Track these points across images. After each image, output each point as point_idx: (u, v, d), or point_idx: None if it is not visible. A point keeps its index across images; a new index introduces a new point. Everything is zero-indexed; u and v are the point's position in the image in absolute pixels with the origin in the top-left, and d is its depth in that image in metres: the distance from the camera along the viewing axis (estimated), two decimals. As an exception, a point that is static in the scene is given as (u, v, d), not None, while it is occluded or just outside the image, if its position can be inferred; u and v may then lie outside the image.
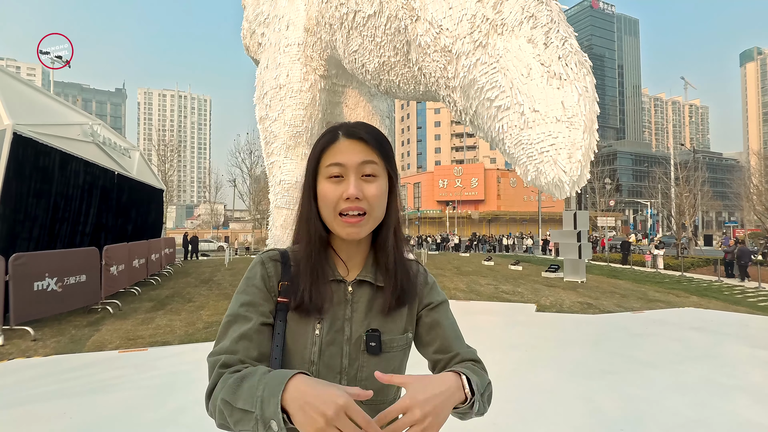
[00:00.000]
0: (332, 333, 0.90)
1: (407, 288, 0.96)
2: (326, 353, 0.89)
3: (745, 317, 8.03)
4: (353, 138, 0.91)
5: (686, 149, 50.07)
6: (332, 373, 0.89)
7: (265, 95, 8.77)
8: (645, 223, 64.89)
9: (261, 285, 0.92)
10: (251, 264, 0.96)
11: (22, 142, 6.92)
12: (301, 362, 0.88)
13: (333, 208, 0.89)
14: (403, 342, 0.96)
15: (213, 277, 12.84)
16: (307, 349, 0.88)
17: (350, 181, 0.88)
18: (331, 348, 0.90)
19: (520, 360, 5.09)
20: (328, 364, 0.89)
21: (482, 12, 4.85)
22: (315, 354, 0.89)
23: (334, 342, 0.90)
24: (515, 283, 11.75)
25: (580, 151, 4.19)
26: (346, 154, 0.89)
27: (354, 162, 0.89)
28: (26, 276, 6.04)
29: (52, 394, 3.99)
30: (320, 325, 0.89)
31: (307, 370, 0.87)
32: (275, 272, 0.93)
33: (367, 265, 0.98)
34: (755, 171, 37.91)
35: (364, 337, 0.91)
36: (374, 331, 0.91)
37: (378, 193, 0.90)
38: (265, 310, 0.90)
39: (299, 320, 0.90)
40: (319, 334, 0.89)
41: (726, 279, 15.19)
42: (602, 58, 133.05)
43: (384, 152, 0.92)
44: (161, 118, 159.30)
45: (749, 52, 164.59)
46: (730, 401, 3.89)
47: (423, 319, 1.00)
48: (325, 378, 0.88)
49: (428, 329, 1.00)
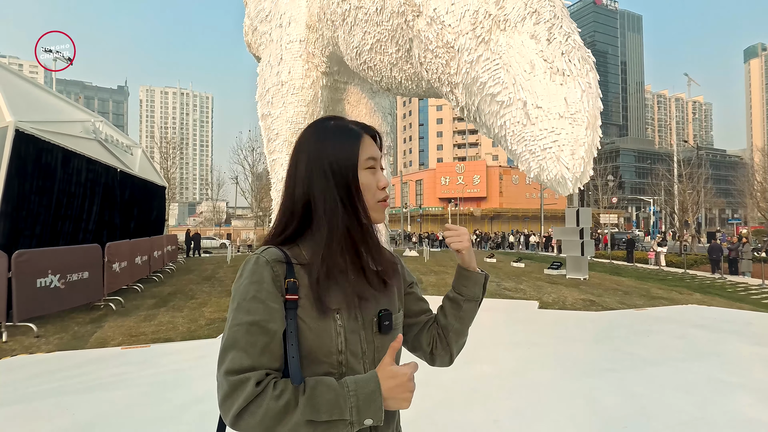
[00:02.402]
0: (351, 321, 0.94)
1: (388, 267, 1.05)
2: (350, 341, 0.93)
3: (748, 315, 8.00)
4: (369, 134, 1.03)
5: (689, 146, 49.83)
6: (356, 358, 0.94)
7: (266, 92, 8.75)
8: (648, 220, 64.67)
9: (272, 288, 0.89)
10: (251, 266, 0.92)
11: (25, 139, 6.93)
12: (328, 354, 0.90)
13: (374, 196, 1.01)
14: (401, 319, 1.07)
15: (215, 274, 12.87)
16: (333, 340, 0.91)
17: (381, 171, 1.03)
18: (353, 335, 0.94)
19: (522, 357, 5.08)
20: (353, 352, 0.93)
21: (485, 8, 4.81)
22: (342, 344, 0.92)
23: (353, 330, 0.94)
24: (518, 280, 11.74)
25: (583, 148, 4.16)
26: (375, 149, 1.03)
27: (380, 156, 1.04)
28: (29, 273, 6.05)
29: (54, 391, 4.01)
30: (339, 316, 0.92)
31: (334, 360, 0.91)
32: (282, 272, 0.92)
33: None
34: (759, 168, 37.77)
35: (376, 318, 0.97)
36: (386, 311, 0.99)
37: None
38: (281, 315, 0.89)
39: (318, 315, 0.90)
40: (342, 324, 0.92)
41: (729, 276, 15.16)
42: (605, 54, 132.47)
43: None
44: (163, 115, 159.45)
45: (753, 49, 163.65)
46: (733, 399, 3.88)
47: (410, 295, 1.16)
48: (350, 363, 0.93)
49: (415, 301, 1.17)
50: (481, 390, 3.95)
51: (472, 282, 1.13)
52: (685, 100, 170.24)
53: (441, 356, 1.15)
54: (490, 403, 3.71)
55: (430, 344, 1.14)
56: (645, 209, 67.73)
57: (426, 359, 1.17)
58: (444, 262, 17.20)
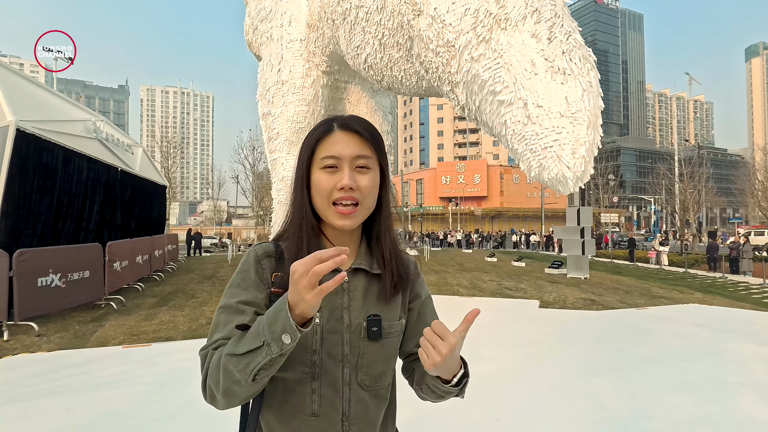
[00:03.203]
0: (332, 321, 0.92)
1: (404, 275, 1.00)
2: (327, 342, 0.91)
3: (750, 314, 7.99)
4: (348, 130, 0.94)
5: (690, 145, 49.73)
6: (334, 360, 0.91)
7: (267, 92, 8.75)
8: (648, 219, 64.61)
9: (255, 277, 0.92)
10: (244, 258, 0.96)
11: (26, 139, 6.93)
12: (302, 351, 0.89)
13: (327, 197, 0.92)
14: (398, 328, 0.99)
15: (216, 273, 12.88)
16: (308, 338, 0.89)
17: (345, 171, 0.91)
18: (333, 336, 0.91)
19: (522, 356, 5.08)
20: (329, 353, 0.91)
21: (485, 7, 4.80)
22: (317, 343, 0.90)
23: (335, 330, 0.92)
24: (518, 279, 11.73)
25: (583, 147, 4.15)
26: (342, 146, 0.92)
27: (349, 154, 0.92)
28: (30, 272, 6.06)
29: (55, 390, 4.01)
30: (319, 314, 0.90)
31: (308, 358, 0.90)
32: (269, 265, 0.94)
33: (361, 253, 1.00)
34: (760, 167, 37.68)
35: (365, 323, 0.93)
36: (375, 317, 0.94)
37: (370, 184, 0.93)
38: (259, 302, 0.91)
39: None
40: (319, 323, 0.90)
41: (730, 275, 15.13)
42: (606, 53, 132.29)
43: (377, 145, 0.95)
44: (164, 114, 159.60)
45: (754, 48, 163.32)
46: (734, 398, 3.87)
47: (413, 310, 1.05)
48: (328, 367, 0.91)
49: (416, 320, 1.04)
50: (482, 389, 3.95)
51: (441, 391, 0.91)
52: (686, 99, 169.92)
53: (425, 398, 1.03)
54: (491, 402, 3.71)
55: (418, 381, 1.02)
56: (646, 208, 67.66)
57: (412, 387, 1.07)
58: (445, 261, 17.20)
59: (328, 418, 0.90)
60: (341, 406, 0.91)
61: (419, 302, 1.06)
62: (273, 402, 0.92)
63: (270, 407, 0.93)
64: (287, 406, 0.91)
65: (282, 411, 0.91)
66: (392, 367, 1.01)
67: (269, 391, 0.92)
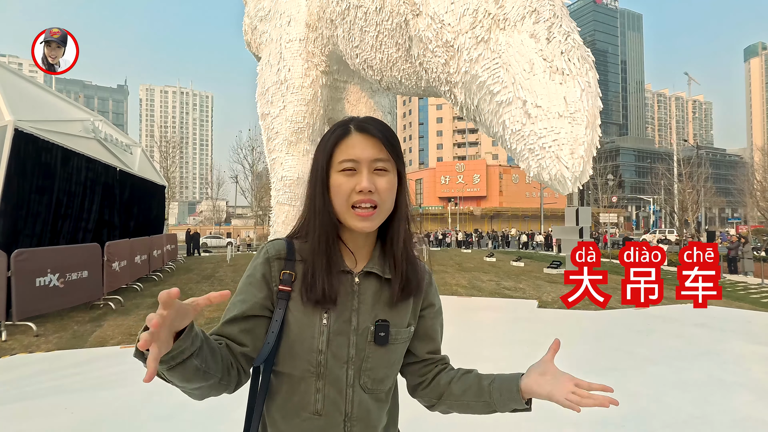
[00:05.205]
0: (340, 323, 0.92)
1: (413, 280, 0.99)
2: (334, 343, 0.92)
3: (748, 314, 8.01)
4: (365, 133, 0.94)
5: (689, 145, 49.82)
6: (339, 362, 0.92)
7: (266, 91, 8.74)
8: (648, 219, 64.69)
9: (261, 279, 0.94)
10: (256, 256, 0.99)
11: (24, 139, 6.93)
12: (308, 351, 0.91)
13: (346, 200, 0.92)
14: (406, 335, 0.99)
15: (215, 273, 12.86)
16: (315, 338, 0.91)
17: (363, 174, 0.91)
18: (339, 338, 0.92)
19: (521, 356, 5.07)
20: (335, 354, 0.92)
21: (484, 7, 4.81)
22: (323, 343, 0.91)
23: (342, 332, 0.93)
24: (517, 279, 11.74)
25: (582, 147, 4.16)
26: (360, 149, 0.92)
27: (367, 157, 0.92)
28: (28, 272, 6.05)
29: (54, 390, 4.01)
30: (327, 315, 0.91)
31: (314, 358, 0.91)
32: (278, 266, 0.96)
33: (374, 257, 1.00)
34: (759, 167, 37.71)
35: (372, 327, 0.94)
36: (383, 322, 0.94)
37: (389, 186, 0.94)
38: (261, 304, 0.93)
39: (305, 310, 0.92)
40: (326, 324, 0.91)
41: (729, 275, 15.15)
42: (605, 53, 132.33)
43: (393, 148, 0.95)
44: (163, 114, 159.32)
45: (753, 48, 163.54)
46: (733, 398, 3.88)
47: (424, 319, 1.05)
48: (332, 368, 0.92)
49: (426, 329, 1.06)
50: (481, 389, 3.95)
51: (513, 404, 1.12)
52: (685, 99, 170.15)
53: (424, 400, 1.11)
54: (490, 402, 3.71)
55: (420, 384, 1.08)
56: (645, 208, 67.71)
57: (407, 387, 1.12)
58: (444, 261, 17.21)
59: (331, 417, 0.92)
60: (344, 407, 0.92)
61: (432, 311, 1.06)
62: (278, 398, 0.94)
63: (274, 403, 0.95)
64: (291, 404, 0.93)
65: (286, 408, 0.93)
66: (395, 373, 1.02)
67: (275, 386, 0.94)
